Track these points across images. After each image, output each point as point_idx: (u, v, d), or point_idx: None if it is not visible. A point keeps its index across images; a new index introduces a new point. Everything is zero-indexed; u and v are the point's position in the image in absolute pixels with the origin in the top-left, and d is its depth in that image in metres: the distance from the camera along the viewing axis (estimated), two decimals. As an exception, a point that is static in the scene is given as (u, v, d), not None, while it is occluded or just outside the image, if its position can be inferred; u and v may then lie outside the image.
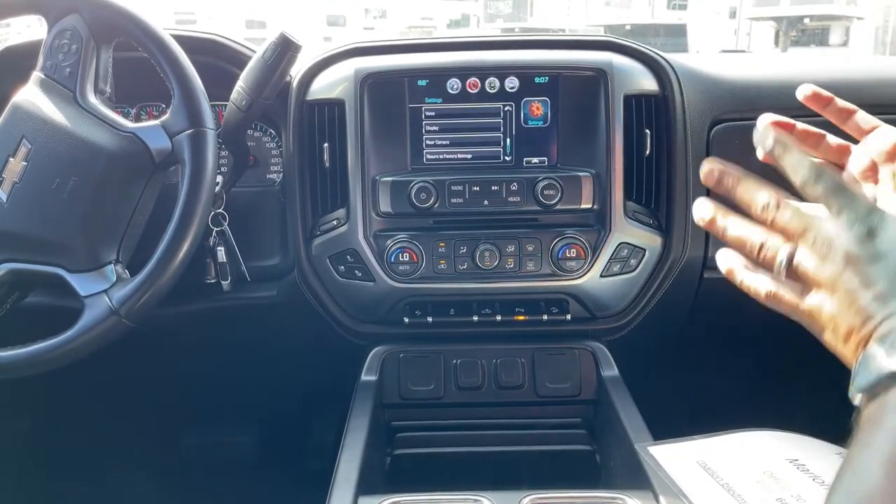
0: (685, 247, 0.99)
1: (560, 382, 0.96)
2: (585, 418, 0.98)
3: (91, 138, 0.80)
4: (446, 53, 1.00)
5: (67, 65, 0.82)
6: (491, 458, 0.96)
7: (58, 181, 0.79)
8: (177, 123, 0.80)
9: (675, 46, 11.65)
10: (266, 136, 1.07)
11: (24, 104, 0.82)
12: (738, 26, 24.00)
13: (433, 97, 0.97)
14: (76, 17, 0.81)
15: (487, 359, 0.97)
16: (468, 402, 0.96)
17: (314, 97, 0.98)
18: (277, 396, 1.40)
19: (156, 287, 0.79)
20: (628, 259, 0.97)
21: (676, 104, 0.97)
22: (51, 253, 0.80)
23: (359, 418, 0.86)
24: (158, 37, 0.81)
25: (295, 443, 1.47)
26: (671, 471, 0.71)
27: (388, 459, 0.96)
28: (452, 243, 0.96)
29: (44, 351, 0.79)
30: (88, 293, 0.79)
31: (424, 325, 0.97)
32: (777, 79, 1.05)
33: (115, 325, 0.78)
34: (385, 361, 0.97)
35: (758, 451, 0.70)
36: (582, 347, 0.98)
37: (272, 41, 0.88)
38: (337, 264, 0.98)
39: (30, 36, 1.02)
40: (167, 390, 1.36)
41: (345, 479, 0.73)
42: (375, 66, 0.97)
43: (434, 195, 0.95)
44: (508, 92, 0.97)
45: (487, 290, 0.97)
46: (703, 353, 1.23)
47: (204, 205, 0.80)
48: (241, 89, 0.90)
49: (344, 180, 0.97)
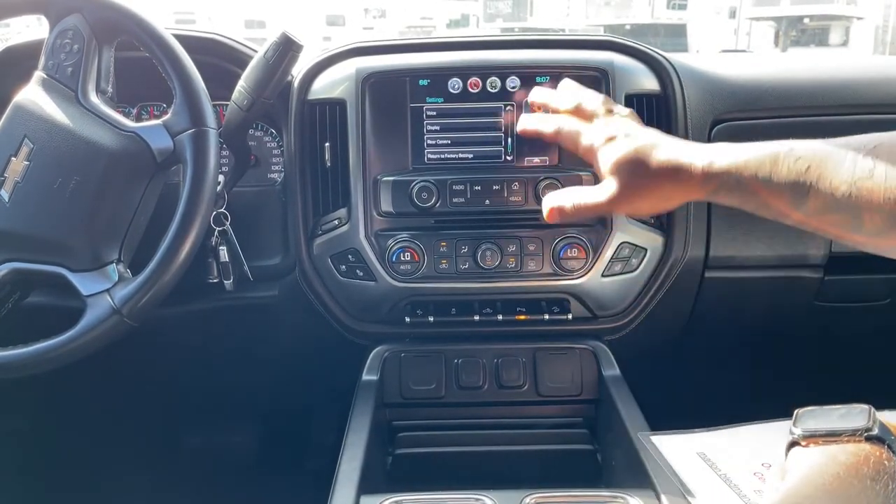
0: (686, 246, 0.99)
1: (561, 382, 0.96)
2: (587, 417, 0.98)
3: (93, 138, 0.80)
4: (448, 53, 1.00)
5: (69, 64, 0.82)
6: (492, 457, 0.96)
7: (60, 181, 0.79)
8: (178, 123, 0.81)
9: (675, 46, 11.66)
10: (267, 136, 1.07)
11: (25, 104, 0.82)
12: (737, 26, 24.00)
13: (434, 97, 0.97)
14: (78, 17, 0.81)
15: (489, 358, 0.97)
16: (469, 401, 0.97)
17: (315, 97, 0.98)
18: (279, 396, 1.40)
19: (158, 286, 0.79)
20: (629, 258, 0.97)
21: (677, 103, 0.97)
22: (53, 252, 0.80)
23: (360, 418, 0.86)
24: (160, 36, 0.81)
25: (296, 442, 1.47)
26: (671, 460, 0.72)
27: (390, 459, 0.96)
28: (454, 243, 0.96)
29: (46, 350, 0.79)
30: (90, 293, 0.79)
31: (426, 324, 0.97)
32: (777, 78, 1.05)
33: (117, 324, 0.78)
34: (386, 361, 0.97)
35: (758, 443, 0.71)
36: (583, 347, 0.98)
37: (274, 41, 0.88)
38: (338, 264, 0.98)
39: (31, 35, 1.02)
40: (168, 390, 1.36)
41: (346, 478, 0.73)
42: (377, 65, 0.97)
43: (435, 195, 0.95)
44: (510, 91, 0.97)
45: (489, 289, 0.97)
46: (704, 353, 1.24)
47: (206, 204, 0.80)
48: (242, 89, 0.90)
49: (345, 180, 0.97)
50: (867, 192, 0.50)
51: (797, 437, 0.50)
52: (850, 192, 0.50)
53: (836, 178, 0.51)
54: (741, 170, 0.57)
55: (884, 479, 0.44)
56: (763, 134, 1.01)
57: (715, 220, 1.00)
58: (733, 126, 1.00)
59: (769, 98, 1.02)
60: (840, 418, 0.49)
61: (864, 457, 0.46)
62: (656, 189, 0.64)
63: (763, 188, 0.56)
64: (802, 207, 0.54)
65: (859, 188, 0.50)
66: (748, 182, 0.57)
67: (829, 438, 0.48)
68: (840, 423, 0.48)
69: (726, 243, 1.01)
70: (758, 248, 1.01)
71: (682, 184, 0.62)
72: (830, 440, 0.48)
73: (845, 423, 0.48)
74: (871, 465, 0.45)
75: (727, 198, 0.60)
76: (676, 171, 0.62)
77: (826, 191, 0.52)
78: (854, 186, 0.50)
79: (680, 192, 0.63)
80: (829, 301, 1.08)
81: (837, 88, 1.04)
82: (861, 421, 0.48)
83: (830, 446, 0.48)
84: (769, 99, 1.02)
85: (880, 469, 0.45)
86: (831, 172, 0.52)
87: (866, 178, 0.50)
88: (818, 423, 0.49)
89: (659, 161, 0.63)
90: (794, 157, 0.54)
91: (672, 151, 0.63)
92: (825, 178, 0.52)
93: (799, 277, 1.05)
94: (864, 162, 0.50)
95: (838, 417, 0.49)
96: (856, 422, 0.48)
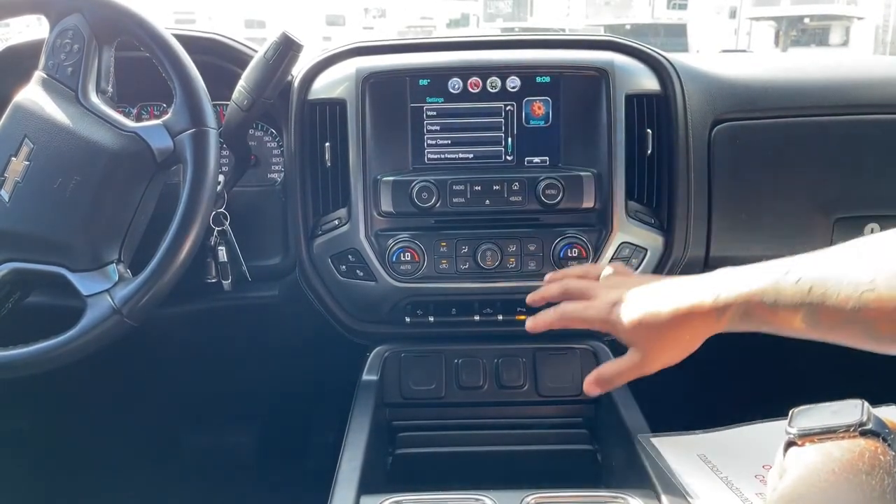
0: (686, 246, 0.99)
1: (561, 382, 0.96)
2: (586, 417, 0.98)
3: (93, 137, 0.80)
4: (448, 53, 1.00)
5: (69, 64, 0.82)
6: (492, 457, 0.96)
7: (60, 180, 0.79)
8: (179, 123, 0.80)
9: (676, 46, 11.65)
10: (267, 136, 1.07)
11: (26, 104, 0.82)
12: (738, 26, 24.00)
13: (435, 97, 0.97)
14: (78, 17, 0.81)
15: (489, 358, 0.97)
16: (469, 401, 0.96)
17: (315, 97, 0.98)
18: (279, 396, 1.40)
19: (158, 286, 0.79)
20: (630, 259, 0.97)
21: (678, 103, 0.97)
22: (53, 252, 0.80)
23: (360, 418, 0.86)
24: (160, 36, 0.81)
25: (296, 443, 1.47)
26: (671, 462, 0.71)
27: (390, 459, 0.96)
28: (454, 243, 0.96)
29: (46, 350, 0.79)
30: (90, 292, 0.79)
31: (426, 324, 0.97)
32: (778, 78, 1.05)
33: (117, 324, 0.78)
34: (386, 361, 0.97)
35: (760, 443, 0.71)
36: (583, 347, 0.98)
37: (274, 41, 0.88)
38: (338, 264, 0.98)
39: (31, 35, 1.02)
40: (168, 390, 1.37)
41: (346, 478, 0.73)
42: (377, 65, 0.97)
43: (435, 195, 0.95)
44: (510, 91, 0.97)
45: (489, 289, 0.97)
46: (705, 352, 1.23)
47: (206, 204, 0.80)
48: (242, 89, 0.90)
49: (345, 180, 0.97)
50: (875, 304, 0.49)
51: (793, 437, 0.50)
52: (858, 307, 0.50)
53: (841, 295, 0.51)
54: (748, 301, 0.58)
55: (879, 473, 0.44)
56: (764, 134, 1.02)
57: (715, 221, 1.00)
58: (733, 126, 1.00)
59: (769, 98, 1.02)
60: (834, 415, 0.49)
61: (860, 452, 0.46)
62: (677, 340, 0.65)
63: (773, 315, 0.57)
64: (817, 326, 0.54)
65: (865, 301, 0.49)
66: (758, 312, 0.58)
67: (825, 436, 0.48)
68: (834, 420, 0.49)
69: (726, 243, 1.01)
70: (758, 248, 1.00)
71: (699, 326, 0.63)
72: (826, 437, 0.48)
73: (839, 419, 0.49)
74: (867, 459, 0.45)
75: (746, 326, 0.60)
76: (688, 317, 0.63)
77: (834, 308, 0.51)
78: (860, 301, 0.50)
79: (700, 333, 0.64)
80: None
81: (838, 88, 1.04)
82: (855, 416, 0.48)
83: (826, 443, 0.48)
84: (769, 99, 1.02)
85: (875, 463, 0.45)
86: (834, 290, 0.51)
87: (869, 291, 0.49)
88: (813, 421, 0.50)
89: (669, 313, 0.64)
90: (794, 280, 0.54)
91: (676, 298, 0.64)
92: (830, 297, 0.51)
93: (799, 277, 1.05)
94: (864, 273, 0.50)
95: (832, 414, 0.49)
96: (850, 417, 0.48)
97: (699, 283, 0.64)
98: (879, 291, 0.49)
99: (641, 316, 0.66)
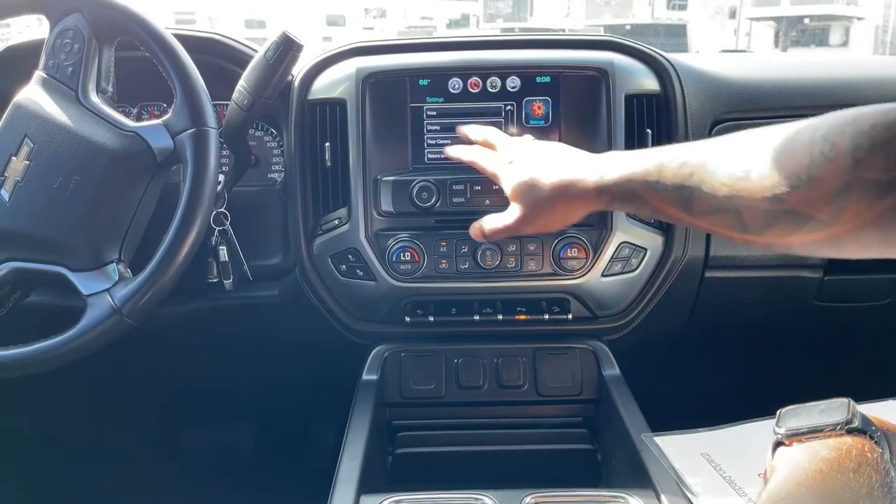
0: (686, 246, 0.99)
1: (561, 381, 0.96)
2: (587, 417, 0.98)
3: (93, 137, 0.80)
4: (448, 53, 1.00)
5: (69, 64, 0.82)
6: (492, 457, 0.96)
7: (60, 180, 0.79)
8: (179, 122, 0.80)
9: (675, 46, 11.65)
10: (267, 136, 1.07)
11: (26, 103, 0.82)
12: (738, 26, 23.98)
13: (435, 97, 0.97)
14: (78, 17, 0.81)
15: (489, 358, 0.97)
16: (469, 401, 0.97)
17: (316, 97, 0.98)
18: (278, 395, 1.40)
19: (158, 286, 0.79)
20: (629, 258, 0.97)
21: (678, 103, 0.97)
22: (53, 252, 0.80)
23: (360, 417, 0.86)
24: (161, 36, 0.81)
25: (296, 442, 1.47)
26: (674, 461, 0.71)
27: (390, 458, 0.96)
28: (454, 242, 0.96)
29: (46, 350, 0.79)
30: (91, 292, 0.79)
31: (426, 324, 0.97)
32: (778, 78, 1.05)
33: (118, 324, 0.78)
34: (386, 360, 0.97)
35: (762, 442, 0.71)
36: (583, 346, 0.98)
37: (274, 40, 0.88)
38: (338, 263, 0.98)
39: (31, 35, 1.02)
40: (168, 389, 1.37)
41: (346, 478, 0.73)
42: (377, 65, 0.97)
43: (435, 194, 0.95)
44: (510, 91, 0.97)
45: (489, 289, 0.97)
46: (705, 352, 1.24)
47: (206, 204, 0.80)
48: (242, 89, 0.90)
49: (345, 179, 0.97)
50: (745, 192, 0.51)
51: (781, 437, 0.50)
52: (730, 194, 0.52)
53: (717, 181, 0.53)
54: (630, 180, 0.61)
55: (866, 470, 0.45)
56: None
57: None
58: (733, 126, 1.00)
59: (769, 98, 1.02)
60: (821, 414, 0.50)
61: (846, 450, 0.46)
62: (554, 208, 0.69)
63: (652, 195, 0.59)
64: (690, 210, 0.56)
65: (738, 189, 0.52)
66: (638, 191, 0.60)
67: (812, 435, 0.49)
68: (821, 419, 0.49)
69: (726, 243, 1.01)
70: (758, 247, 1.01)
71: (577, 200, 0.67)
72: (813, 436, 0.49)
73: (826, 418, 0.49)
74: (854, 457, 0.46)
75: (622, 206, 0.65)
76: (568, 188, 0.67)
77: (709, 193, 0.54)
78: (733, 188, 0.52)
79: (576, 207, 0.68)
80: (829, 301, 1.08)
81: (838, 88, 1.04)
82: (841, 415, 0.49)
83: (813, 442, 0.48)
84: (769, 99, 1.02)
85: (862, 461, 0.45)
86: (711, 175, 0.54)
87: (743, 179, 0.51)
88: (800, 420, 0.50)
89: (552, 181, 0.68)
90: (677, 163, 0.57)
91: (564, 170, 0.68)
92: (707, 182, 0.54)
93: (799, 277, 1.05)
94: (741, 163, 0.52)
95: (819, 413, 0.50)
96: (836, 416, 0.49)
97: (588, 160, 0.67)
98: (751, 180, 0.50)
99: (527, 178, 0.71)
